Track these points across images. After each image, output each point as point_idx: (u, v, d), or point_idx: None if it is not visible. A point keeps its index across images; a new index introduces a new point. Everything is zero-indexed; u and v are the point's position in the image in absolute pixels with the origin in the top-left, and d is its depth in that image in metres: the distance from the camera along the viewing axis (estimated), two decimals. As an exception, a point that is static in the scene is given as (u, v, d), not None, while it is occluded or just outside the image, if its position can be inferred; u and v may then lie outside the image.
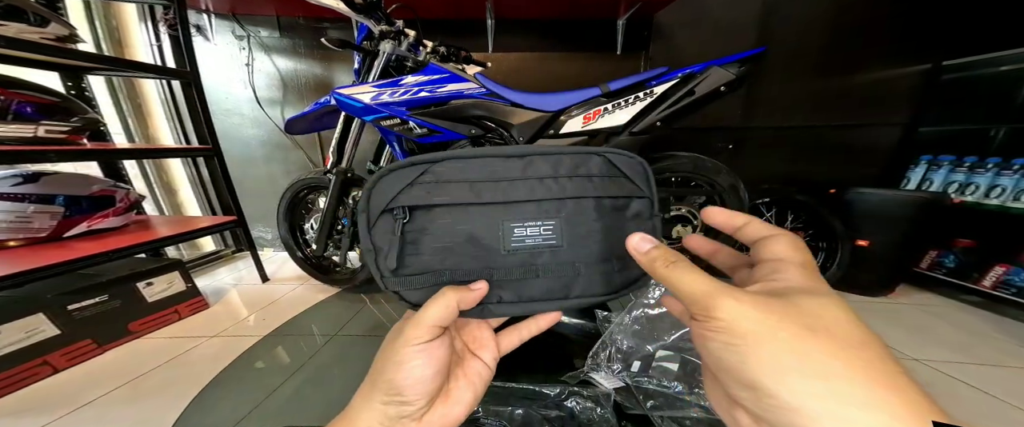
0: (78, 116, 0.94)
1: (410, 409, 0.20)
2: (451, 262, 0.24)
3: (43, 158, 0.82)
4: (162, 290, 1.03)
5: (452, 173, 0.24)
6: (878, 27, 1.37)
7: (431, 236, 0.24)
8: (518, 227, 0.24)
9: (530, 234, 0.24)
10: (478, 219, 0.24)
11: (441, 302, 0.22)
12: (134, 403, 0.73)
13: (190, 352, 0.90)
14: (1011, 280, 1.09)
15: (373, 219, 0.24)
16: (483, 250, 0.24)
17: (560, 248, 0.24)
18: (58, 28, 0.87)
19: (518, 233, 0.24)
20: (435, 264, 0.24)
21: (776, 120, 1.49)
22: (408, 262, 0.24)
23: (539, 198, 0.24)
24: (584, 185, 0.25)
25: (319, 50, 1.46)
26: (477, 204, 0.24)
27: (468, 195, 0.23)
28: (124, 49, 1.36)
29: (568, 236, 0.24)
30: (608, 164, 0.26)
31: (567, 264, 0.25)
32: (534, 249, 0.24)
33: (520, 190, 0.24)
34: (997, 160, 1.21)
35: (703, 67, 0.87)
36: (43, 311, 0.81)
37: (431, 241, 0.24)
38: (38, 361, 0.79)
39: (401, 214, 0.24)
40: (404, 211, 0.24)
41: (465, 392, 0.23)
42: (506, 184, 0.24)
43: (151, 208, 1.49)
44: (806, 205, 1.19)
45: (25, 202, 0.88)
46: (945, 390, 0.77)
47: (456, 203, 0.24)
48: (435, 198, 0.24)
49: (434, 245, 0.24)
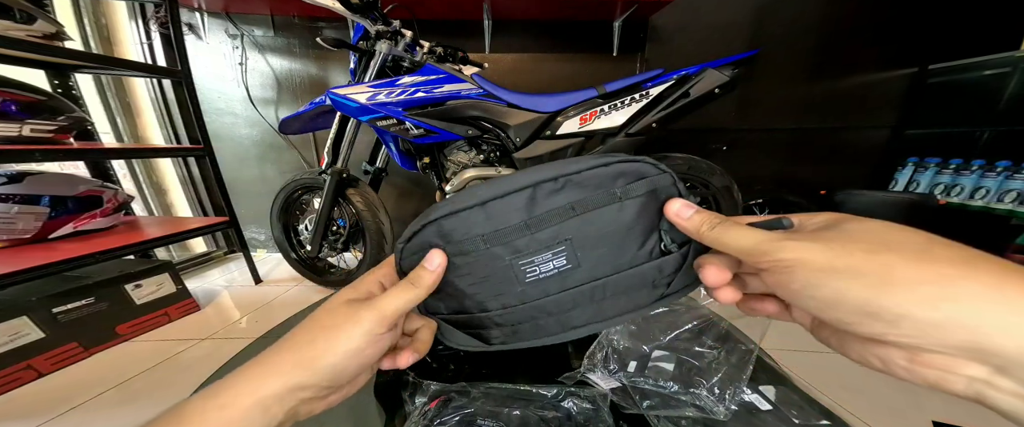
0: (65, 115, 0.92)
1: (324, 391, 0.20)
2: (470, 308, 0.25)
3: (28, 158, 0.80)
4: (151, 292, 1.01)
5: (457, 229, 0.23)
6: (867, 32, 1.40)
7: (451, 287, 0.24)
8: (529, 265, 0.23)
9: (543, 268, 0.23)
10: (489, 266, 0.23)
11: (404, 296, 0.21)
12: (121, 407, 0.71)
13: (180, 355, 0.88)
14: (995, 279, 1.11)
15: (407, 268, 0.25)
16: (502, 295, 0.24)
17: (578, 268, 0.23)
18: (45, 25, 0.85)
19: (530, 271, 0.23)
20: (463, 299, 0.25)
21: (769, 122, 1.51)
22: (441, 302, 0.25)
23: (544, 227, 0.23)
24: (584, 195, 0.23)
25: (314, 50, 1.44)
26: (486, 255, 0.23)
27: (478, 247, 0.23)
28: (114, 47, 1.34)
29: (585, 258, 0.23)
30: (618, 163, 0.24)
31: (595, 287, 0.23)
32: (549, 278, 0.24)
33: (527, 239, 0.23)
34: (981, 162, 1.25)
35: (698, 69, 0.88)
36: (27, 314, 0.79)
37: (455, 294, 0.25)
38: (22, 365, 0.77)
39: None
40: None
41: (365, 377, 0.22)
42: (511, 230, 0.23)
43: (140, 209, 1.46)
44: (798, 206, 1.21)
45: (9, 203, 0.85)
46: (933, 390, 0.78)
47: (467, 259, 0.23)
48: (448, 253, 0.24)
49: (457, 298, 0.25)
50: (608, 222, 0.23)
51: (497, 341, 0.25)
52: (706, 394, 0.31)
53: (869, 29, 1.39)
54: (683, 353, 0.35)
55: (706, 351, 0.36)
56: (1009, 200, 1.16)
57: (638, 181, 0.23)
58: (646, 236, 0.23)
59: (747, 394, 0.33)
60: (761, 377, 0.35)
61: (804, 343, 0.96)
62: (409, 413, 0.31)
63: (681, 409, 0.31)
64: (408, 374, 0.33)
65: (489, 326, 0.25)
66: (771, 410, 0.31)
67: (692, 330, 0.38)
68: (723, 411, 0.30)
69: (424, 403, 0.31)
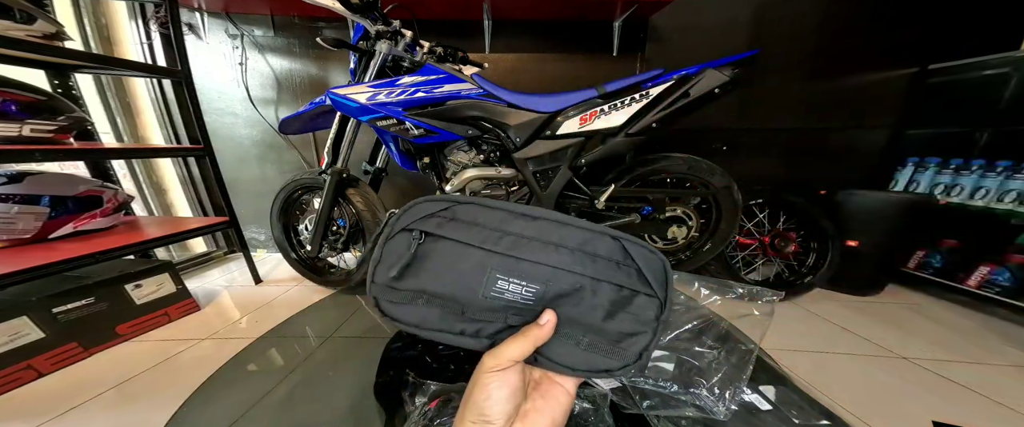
0: (65, 115, 0.92)
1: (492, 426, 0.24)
2: (433, 289, 0.26)
3: (28, 158, 0.80)
4: (151, 292, 1.01)
5: (467, 215, 0.26)
6: (867, 32, 1.40)
7: (430, 262, 0.26)
8: (502, 280, 0.25)
9: (512, 290, 0.25)
10: (472, 260, 0.26)
11: (519, 345, 0.24)
12: (121, 407, 0.71)
13: (180, 355, 0.88)
14: (995, 279, 1.12)
15: (394, 233, 0.27)
16: (465, 289, 0.26)
17: (532, 311, 0.26)
18: (45, 25, 0.85)
19: (500, 285, 0.25)
20: (420, 287, 0.26)
21: (769, 122, 1.51)
22: (403, 279, 0.26)
23: (534, 261, 0.25)
24: (584, 263, 0.25)
25: (314, 50, 1.44)
26: (476, 247, 0.26)
27: (471, 237, 0.26)
28: (114, 47, 1.34)
29: (549, 304, 0.26)
30: (621, 250, 0.26)
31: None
32: (509, 304, 0.26)
33: (519, 247, 0.25)
34: (981, 162, 1.24)
35: (698, 69, 0.88)
36: (27, 314, 0.79)
37: (428, 266, 0.26)
38: (22, 365, 0.77)
39: (418, 237, 0.26)
40: (421, 234, 0.26)
41: (542, 415, 0.25)
42: (510, 238, 0.26)
43: (140, 209, 1.46)
44: (798, 206, 1.20)
45: (9, 203, 0.85)
46: (932, 388, 0.78)
47: (459, 241, 0.26)
48: (445, 231, 0.26)
49: (429, 271, 0.26)
50: (591, 305, 0.26)
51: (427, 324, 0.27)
52: (706, 394, 0.31)
53: (869, 29, 1.39)
54: (683, 353, 0.35)
55: (706, 351, 0.36)
56: (1009, 200, 1.16)
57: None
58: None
59: (747, 394, 0.33)
60: (761, 377, 0.35)
61: (805, 343, 0.96)
62: (409, 413, 0.31)
63: (681, 409, 0.31)
64: (408, 374, 0.33)
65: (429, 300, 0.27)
66: (771, 410, 0.31)
67: (692, 330, 0.38)
68: (723, 411, 0.30)
69: (424, 403, 0.32)
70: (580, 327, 0.26)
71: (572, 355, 0.26)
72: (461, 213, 0.26)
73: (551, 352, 0.26)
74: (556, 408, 0.25)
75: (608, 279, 0.25)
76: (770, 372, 0.37)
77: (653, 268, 0.26)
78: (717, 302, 0.36)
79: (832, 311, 1.14)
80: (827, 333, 1.02)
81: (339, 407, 0.61)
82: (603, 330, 0.26)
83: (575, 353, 0.26)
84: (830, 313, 1.13)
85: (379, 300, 0.26)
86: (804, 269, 1.23)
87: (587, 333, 0.26)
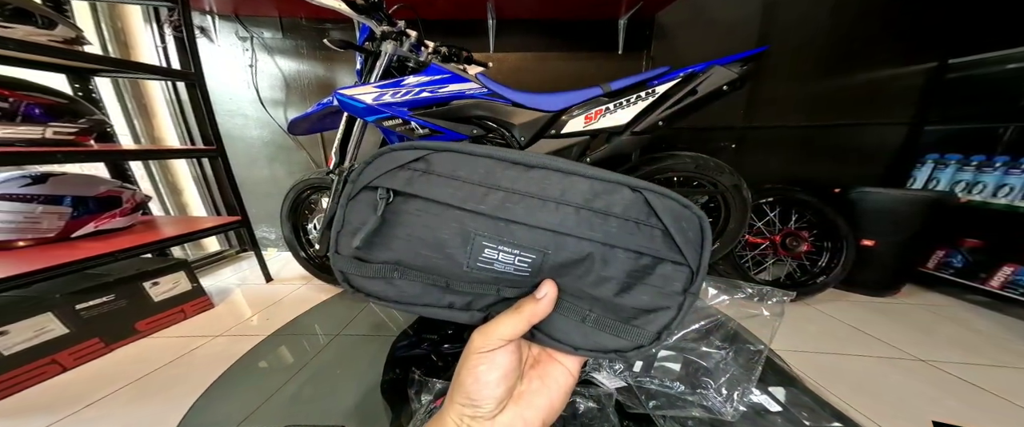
0: (85, 118, 0.95)
1: (481, 410, 0.22)
2: (409, 261, 0.22)
3: (51, 159, 0.83)
4: (168, 290, 1.04)
5: (444, 167, 0.21)
6: (882, 25, 1.35)
7: (402, 228, 0.21)
8: (490, 247, 0.20)
9: (502, 259, 0.20)
10: (452, 224, 0.20)
11: (512, 322, 0.21)
12: (140, 402, 0.73)
13: (195, 351, 0.91)
14: (1019, 280, 1.07)
15: (355, 191, 0.22)
16: (446, 260, 0.21)
17: (529, 283, 0.21)
18: (65, 30, 0.88)
19: (488, 254, 0.20)
20: (394, 258, 0.22)
21: (779, 119, 1.48)
22: (372, 249, 0.22)
23: (528, 224, 0.20)
24: (593, 224, 0.20)
25: (321, 51, 1.46)
26: (456, 207, 0.20)
27: (449, 195, 0.20)
28: (130, 51, 1.38)
29: (549, 274, 0.21)
30: (643, 205, 0.20)
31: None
32: (500, 276, 0.21)
33: (510, 207, 0.20)
34: (1005, 159, 1.20)
35: (705, 66, 0.87)
36: (52, 310, 0.82)
37: (400, 233, 0.21)
38: (47, 360, 0.80)
39: (385, 195, 0.21)
40: (388, 193, 0.21)
41: (539, 396, 0.23)
42: (498, 195, 0.20)
43: (157, 208, 1.51)
44: (810, 204, 1.18)
45: (33, 203, 0.89)
46: (952, 391, 0.76)
47: (434, 200, 0.21)
48: (418, 188, 0.21)
49: (401, 239, 0.21)
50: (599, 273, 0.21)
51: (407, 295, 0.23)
52: (713, 394, 0.31)
53: (885, 22, 1.34)
54: (690, 353, 0.35)
55: (714, 351, 0.35)
56: (1034, 198, 1.12)
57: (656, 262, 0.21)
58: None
59: (756, 395, 0.32)
60: (771, 378, 0.35)
61: (818, 344, 0.94)
62: (415, 411, 0.32)
63: (688, 409, 0.30)
64: (414, 372, 0.33)
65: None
66: (781, 411, 0.31)
67: (699, 330, 0.37)
68: (731, 412, 0.30)
69: (430, 401, 0.32)
70: (587, 299, 0.21)
71: (576, 332, 0.22)
72: (438, 164, 0.21)
73: (551, 327, 0.22)
74: (555, 390, 0.23)
75: (624, 245, 0.20)
76: (780, 373, 0.37)
77: (685, 228, 0.20)
78: (725, 302, 0.36)
79: (847, 312, 1.11)
80: (841, 334, 0.99)
81: (347, 403, 0.62)
82: (616, 305, 0.21)
83: (580, 329, 0.22)
84: (844, 314, 1.10)
85: (347, 275, 0.23)
86: (817, 269, 1.20)
87: (595, 306, 0.21)
